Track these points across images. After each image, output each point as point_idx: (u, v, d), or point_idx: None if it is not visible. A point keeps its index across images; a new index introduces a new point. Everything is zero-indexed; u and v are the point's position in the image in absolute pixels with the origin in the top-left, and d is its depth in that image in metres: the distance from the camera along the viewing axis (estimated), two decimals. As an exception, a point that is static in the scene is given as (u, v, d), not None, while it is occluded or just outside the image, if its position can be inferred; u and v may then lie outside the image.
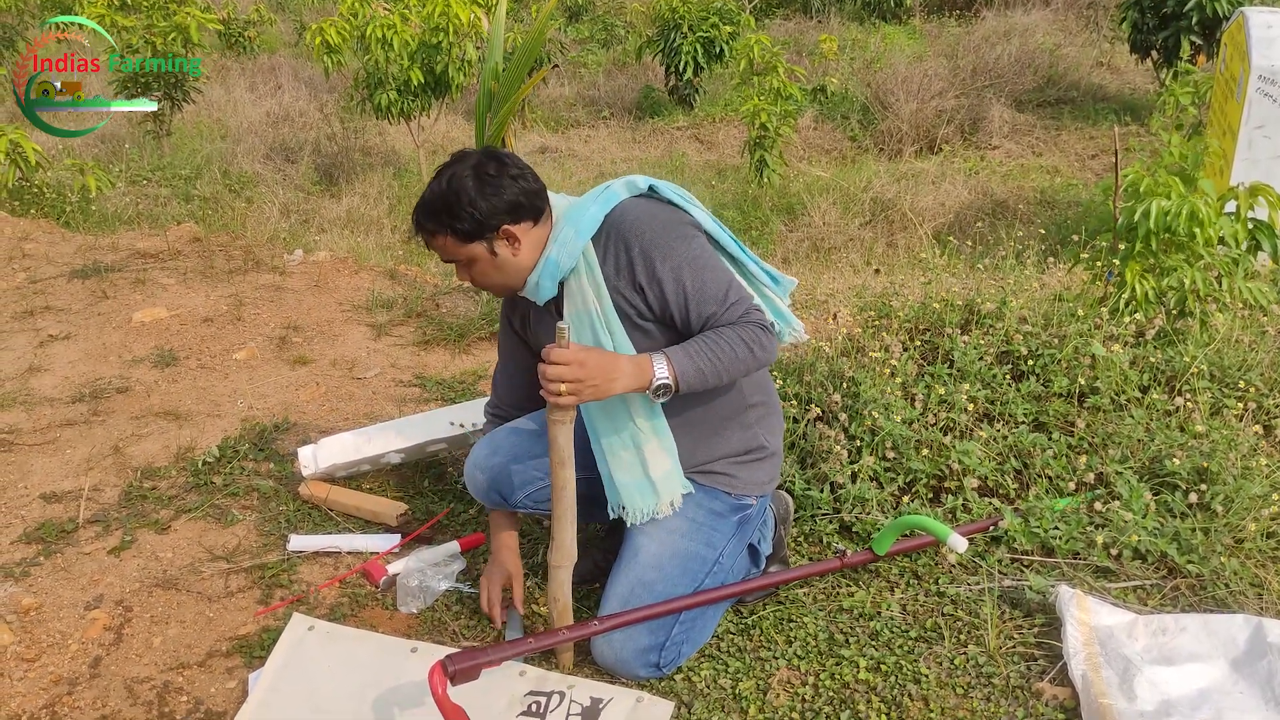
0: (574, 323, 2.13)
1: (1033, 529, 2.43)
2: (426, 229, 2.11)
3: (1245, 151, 5.08)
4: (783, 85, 8.56)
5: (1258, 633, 2.01)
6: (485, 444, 2.35)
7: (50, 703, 2.13)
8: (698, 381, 2.00)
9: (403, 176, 9.28)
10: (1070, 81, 11.17)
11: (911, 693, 2.03)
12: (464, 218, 2.05)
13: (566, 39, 13.74)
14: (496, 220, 2.06)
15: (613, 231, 2.10)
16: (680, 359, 1.98)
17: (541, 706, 2.03)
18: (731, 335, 2.01)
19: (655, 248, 2.06)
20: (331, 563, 2.61)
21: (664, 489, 2.16)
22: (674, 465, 2.17)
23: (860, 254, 6.92)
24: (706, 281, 2.05)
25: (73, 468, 3.11)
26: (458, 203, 2.04)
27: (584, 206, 2.13)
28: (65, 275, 4.90)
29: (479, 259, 2.11)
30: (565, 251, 2.09)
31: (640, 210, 2.12)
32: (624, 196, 2.15)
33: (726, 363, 2.01)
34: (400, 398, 3.58)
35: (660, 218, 2.11)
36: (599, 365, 1.91)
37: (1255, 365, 2.97)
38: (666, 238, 2.07)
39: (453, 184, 2.05)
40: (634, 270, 2.07)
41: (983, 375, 2.92)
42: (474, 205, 2.04)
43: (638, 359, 1.97)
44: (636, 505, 2.16)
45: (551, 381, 1.88)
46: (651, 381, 1.96)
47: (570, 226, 2.10)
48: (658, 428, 2.15)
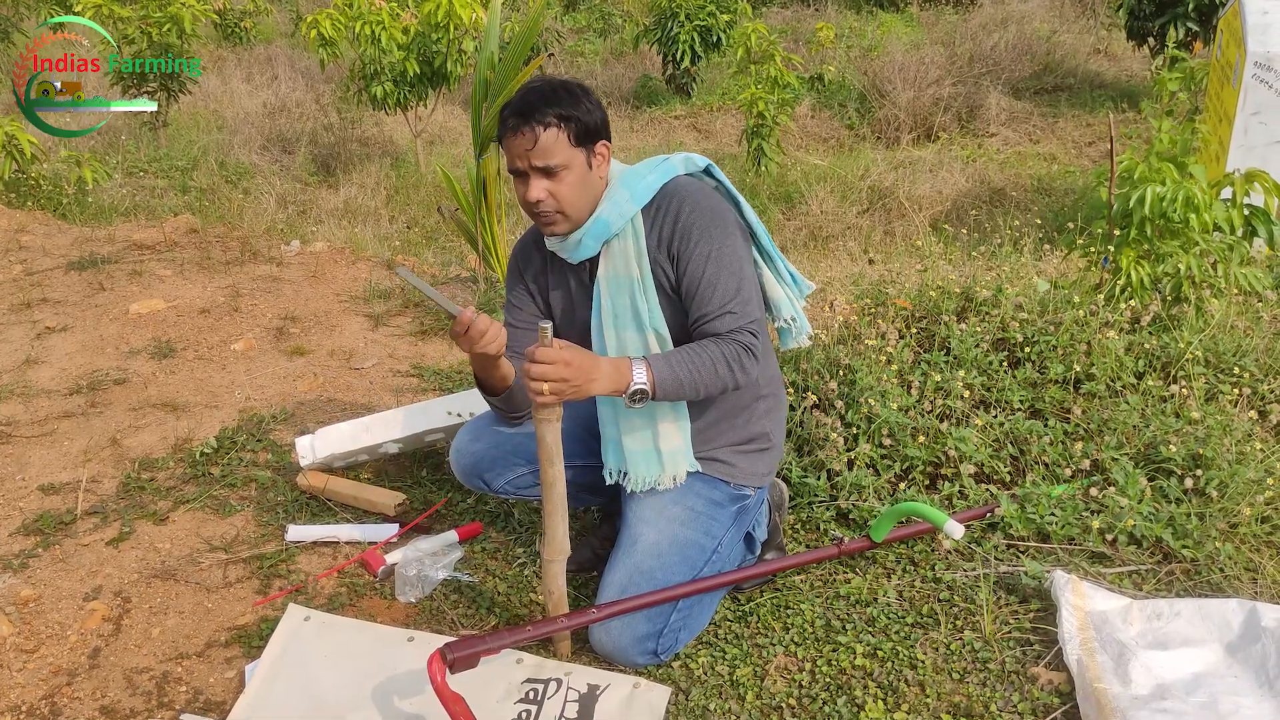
0: (610, 287, 2.13)
1: (1029, 515, 2.44)
2: (543, 120, 1.97)
3: (1241, 138, 5.08)
4: (780, 74, 8.55)
5: (1252, 617, 2.02)
6: (469, 429, 2.37)
7: (49, 694, 2.14)
8: (674, 391, 1.99)
9: (400, 167, 9.26)
10: (1067, 69, 11.15)
11: (908, 678, 2.03)
12: (588, 111, 2.01)
13: (564, 28, 13.71)
14: (605, 132, 2.06)
15: (664, 203, 2.10)
16: (660, 367, 1.98)
17: (539, 694, 2.03)
18: (716, 352, 2.01)
19: (697, 227, 2.06)
20: (329, 553, 2.61)
21: (669, 463, 2.18)
22: (684, 443, 2.19)
23: (858, 242, 6.91)
24: (721, 280, 2.05)
25: (71, 459, 3.11)
26: (584, 96, 2.01)
27: (641, 174, 2.12)
28: (62, 267, 4.90)
29: (575, 168, 2.02)
30: (617, 213, 2.08)
31: (695, 189, 2.13)
32: (681, 172, 2.16)
33: (705, 377, 2.00)
34: (398, 388, 3.59)
35: (712, 204, 2.12)
36: (580, 365, 1.89)
37: (1250, 351, 2.98)
38: (710, 223, 2.08)
39: (571, 83, 2.02)
40: (673, 241, 2.08)
41: (979, 362, 2.93)
42: (596, 105, 2.03)
43: (617, 362, 1.97)
44: (640, 473, 2.18)
45: (535, 380, 1.87)
46: (629, 386, 1.96)
47: (626, 189, 2.09)
48: (677, 406, 2.16)
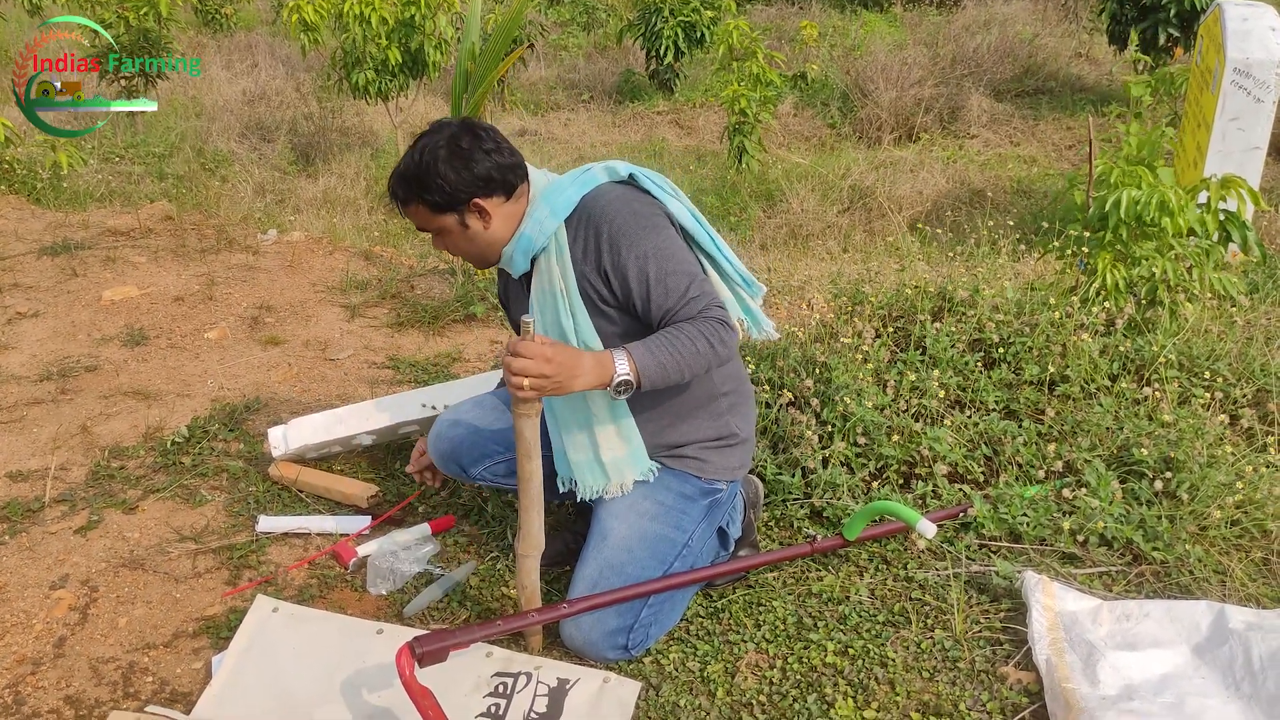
0: (539, 301, 2.14)
1: (1001, 515, 2.45)
2: (399, 197, 2.13)
3: (1219, 144, 5.10)
4: (762, 71, 8.54)
5: (1220, 619, 2.04)
6: (449, 415, 2.40)
7: (14, 682, 2.11)
8: (659, 378, 1.97)
9: (380, 157, 9.19)
10: (1049, 72, 11.19)
11: (878, 676, 2.04)
12: (434, 189, 2.07)
13: (547, 21, 13.65)
14: (466, 193, 2.07)
15: (585, 216, 2.10)
16: (642, 355, 1.95)
17: (508, 688, 2.03)
18: (693, 331, 1.99)
19: (623, 235, 2.05)
20: (301, 544, 2.59)
21: (614, 472, 2.19)
22: (629, 451, 2.18)
23: (838, 241, 6.91)
24: (669, 273, 2.04)
25: (39, 446, 3.07)
26: (429, 174, 2.06)
27: (562, 187, 2.13)
28: (34, 252, 4.84)
29: (450, 230, 2.14)
30: (539, 230, 2.11)
31: (614, 196, 2.12)
32: (602, 181, 2.15)
33: (688, 358, 1.98)
34: (373, 379, 3.56)
35: (632, 206, 2.10)
36: (562, 361, 1.87)
37: (1223, 355, 3.00)
38: (635, 226, 2.06)
39: (425, 155, 2.07)
40: (600, 256, 2.07)
41: (955, 362, 2.94)
42: (444, 178, 2.06)
43: (599, 355, 1.94)
44: (586, 482, 2.20)
45: (515, 375, 1.85)
46: (613, 378, 1.93)
47: (546, 205, 2.11)
48: (616, 412, 2.16)
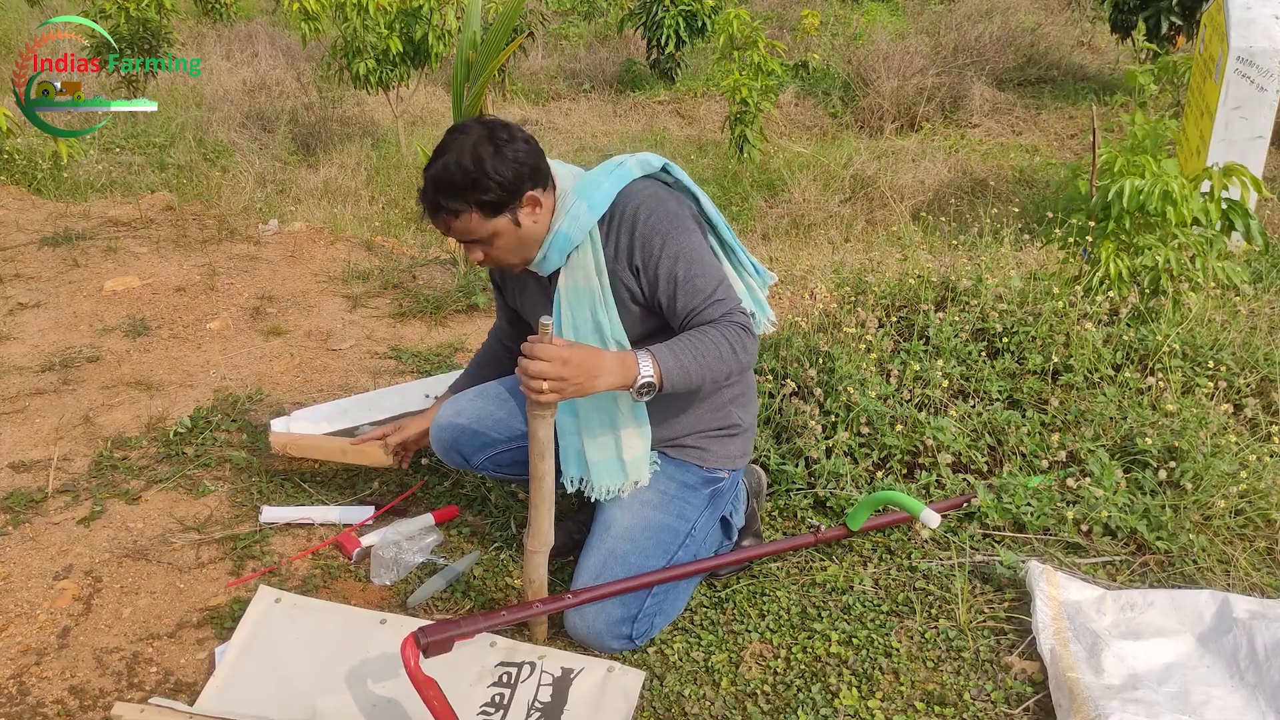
0: (570, 299, 2.09)
1: (1005, 505, 2.45)
2: (448, 210, 1.97)
3: (1222, 132, 5.09)
4: (764, 60, 8.51)
5: (1224, 608, 2.04)
6: (450, 405, 2.37)
7: (18, 673, 2.11)
8: (681, 382, 1.94)
9: (381, 147, 9.17)
10: (1051, 61, 11.17)
11: (882, 666, 2.04)
12: (489, 188, 1.94)
13: (548, 10, 13.61)
14: (523, 186, 1.98)
15: (618, 212, 2.06)
16: (665, 358, 1.91)
17: (512, 677, 2.03)
18: (716, 335, 1.97)
19: (656, 234, 2.02)
20: (304, 534, 2.59)
21: (632, 471, 2.17)
22: (645, 448, 2.18)
23: (840, 230, 6.90)
24: (696, 275, 2.02)
25: (42, 437, 3.07)
26: (481, 173, 1.93)
27: (597, 181, 2.08)
28: (35, 243, 4.83)
29: (503, 233, 2.01)
30: (576, 225, 2.04)
31: (648, 194, 2.08)
32: (637, 175, 2.11)
33: (711, 362, 1.95)
34: (375, 370, 3.56)
35: (666, 206, 2.07)
36: (583, 363, 1.83)
37: (1227, 345, 2.99)
38: (669, 226, 2.04)
39: (467, 158, 1.94)
40: (633, 254, 2.04)
41: (958, 352, 2.93)
42: (498, 173, 1.94)
43: (622, 356, 1.90)
44: (604, 483, 2.17)
45: (533, 379, 1.80)
46: (636, 380, 1.89)
47: (583, 200, 2.05)
48: (637, 413, 2.15)
